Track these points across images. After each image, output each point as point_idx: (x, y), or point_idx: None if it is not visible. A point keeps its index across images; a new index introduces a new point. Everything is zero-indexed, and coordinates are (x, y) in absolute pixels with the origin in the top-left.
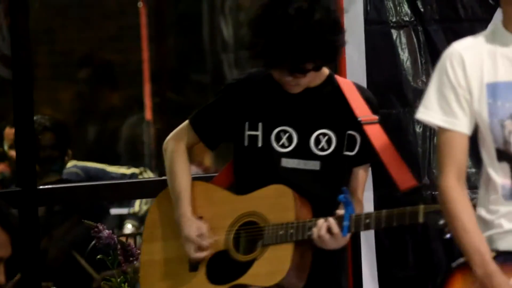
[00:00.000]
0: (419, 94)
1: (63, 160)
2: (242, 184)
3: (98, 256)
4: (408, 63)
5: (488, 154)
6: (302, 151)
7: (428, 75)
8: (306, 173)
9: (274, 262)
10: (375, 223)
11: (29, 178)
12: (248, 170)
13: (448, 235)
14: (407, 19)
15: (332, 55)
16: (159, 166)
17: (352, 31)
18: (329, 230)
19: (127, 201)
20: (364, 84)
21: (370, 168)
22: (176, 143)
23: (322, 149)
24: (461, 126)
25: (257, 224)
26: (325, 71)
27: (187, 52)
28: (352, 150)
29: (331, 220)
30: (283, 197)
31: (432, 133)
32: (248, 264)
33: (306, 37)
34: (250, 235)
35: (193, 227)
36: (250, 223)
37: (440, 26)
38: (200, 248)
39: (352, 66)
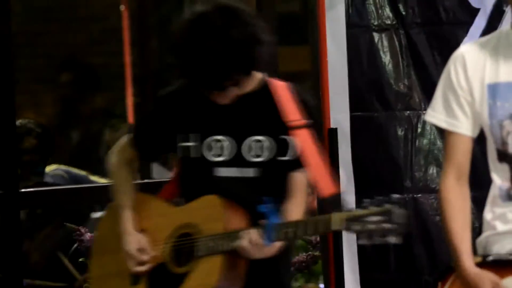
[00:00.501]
0: (401, 97)
1: (45, 164)
2: (183, 194)
3: (80, 259)
4: (390, 66)
5: (491, 155)
6: (236, 159)
7: (410, 78)
8: (242, 181)
9: (205, 274)
10: (294, 232)
11: (11, 181)
12: (186, 181)
13: (360, 241)
14: (389, 22)
15: (250, 68)
16: (140, 169)
17: (334, 34)
18: (251, 241)
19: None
20: (346, 87)
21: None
22: (118, 156)
23: (256, 156)
24: (463, 128)
25: (192, 236)
26: (258, 75)
27: (169, 55)
28: (286, 155)
29: (253, 231)
30: (213, 208)
31: (414, 136)
32: (183, 277)
33: (222, 55)
34: (186, 247)
35: (132, 241)
36: (186, 235)
37: (422, 29)
38: (140, 263)
39: (333, 69)
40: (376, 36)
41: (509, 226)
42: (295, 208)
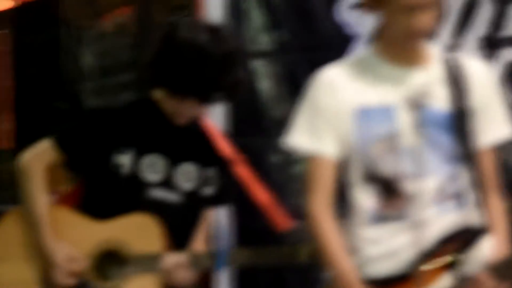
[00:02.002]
0: (277, 123)
1: None
2: (95, 209)
3: None
4: (268, 92)
5: (355, 177)
6: (169, 183)
7: (288, 105)
8: (168, 206)
9: None
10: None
11: None
12: (107, 197)
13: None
14: (268, 48)
15: (239, 84)
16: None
17: None
18: (178, 265)
19: None
20: (222, 113)
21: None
22: (34, 163)
23: (185, 183)
24: (329, 151)
25: (119, 252)
26: None
27: (47, 80)
28: (209, 189)
29: (182, 256)
30: (149, 226)
31: (288, 163)
32: None
33: (221, 67)
34: (112, 262)
35: (59, 251)
36: (111, 251)
37: (300, 55)
38: (70, 273)
39: None
40: (254, 62)
41: (381, 250)
42: (201, 246)
